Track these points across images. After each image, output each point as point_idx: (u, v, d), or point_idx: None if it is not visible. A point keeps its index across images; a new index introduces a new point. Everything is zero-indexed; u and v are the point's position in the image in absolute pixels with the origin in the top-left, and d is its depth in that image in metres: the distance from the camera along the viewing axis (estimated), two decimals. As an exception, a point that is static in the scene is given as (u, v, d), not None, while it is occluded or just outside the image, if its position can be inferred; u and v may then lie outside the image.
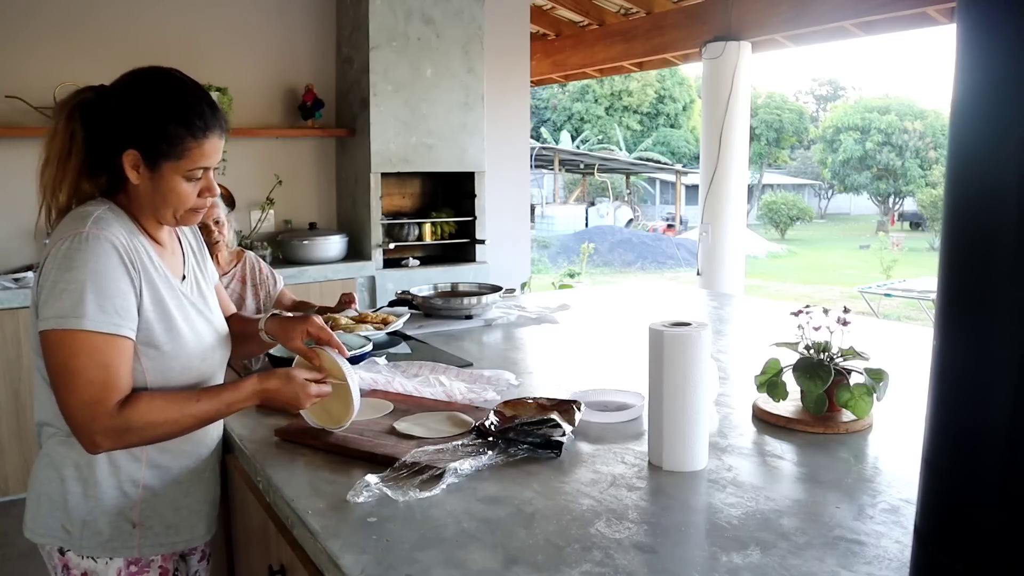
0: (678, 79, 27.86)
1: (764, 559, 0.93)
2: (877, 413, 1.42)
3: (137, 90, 1.24)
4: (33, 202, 1.28)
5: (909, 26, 5.25)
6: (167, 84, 1.25)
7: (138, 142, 1.20)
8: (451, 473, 1.15)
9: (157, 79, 1.25)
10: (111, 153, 1.22)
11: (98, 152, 1.23)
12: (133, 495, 1.26)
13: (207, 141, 1.23)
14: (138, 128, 1.20)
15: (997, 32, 0.62)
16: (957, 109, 0.67)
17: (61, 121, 1.23)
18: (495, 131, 4.56)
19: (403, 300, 2.57)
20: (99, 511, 1.24)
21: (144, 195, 1.24)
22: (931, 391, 0.71)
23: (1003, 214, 0.62)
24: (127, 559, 1.27)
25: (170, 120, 1.20)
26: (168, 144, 1.20)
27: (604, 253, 15.52)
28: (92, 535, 1.24)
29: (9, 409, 3.17)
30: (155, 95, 1.23)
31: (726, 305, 2.84)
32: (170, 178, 1.22)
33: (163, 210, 1.25)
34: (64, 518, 1.25)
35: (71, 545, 1.25)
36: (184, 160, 1.22)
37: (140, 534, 1.27)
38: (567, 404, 1.39)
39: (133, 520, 1.26)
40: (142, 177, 1.22)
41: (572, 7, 6.53)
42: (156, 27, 3.77)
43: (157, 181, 1.22)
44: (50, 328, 1.13)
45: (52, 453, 1.26)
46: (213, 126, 1.24)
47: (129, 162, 1.21)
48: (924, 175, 24.26)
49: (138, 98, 1.23)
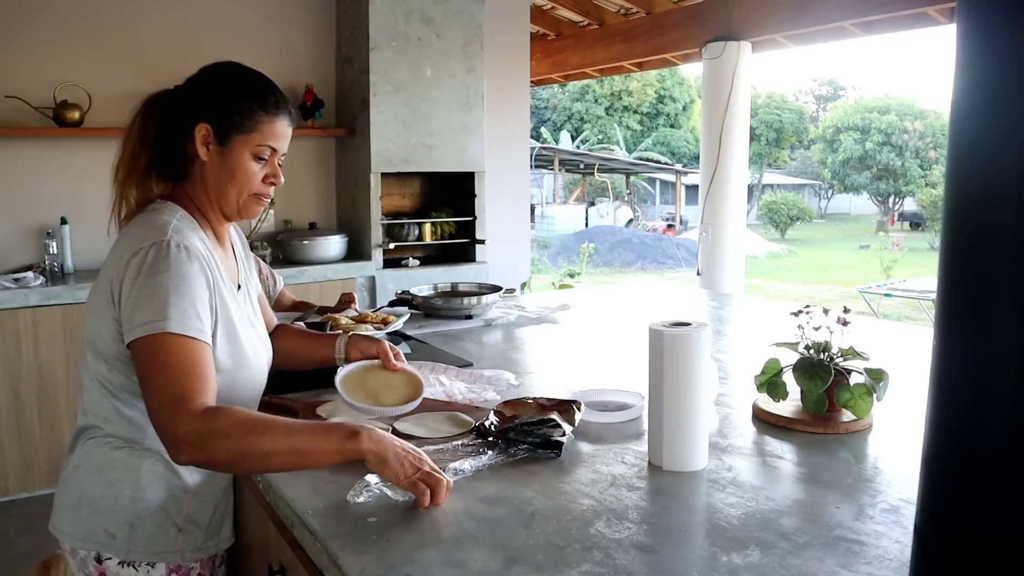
0: (678, 79, 27.87)
1: (764, 559, 0.93)
2: (877, 413, 1.42)
3: (209, 72, 1.28)
4: (33, 202, 1.29)
5: (909, 26, 5.26)
6: (240, 67, 1.29)
7: (209, 115, 1.22)
8: (451, 473, 1.15)
9: (230, 65, 1.30)
10: (180, 134, 1.24)
11: (168, 140, 1.25)
12: (181, 499, 1.25)
13: (278, 120, 1.26)
14: (210, 101, 1.23)
15: (997, 32, 0.62)
16: (957, 109, 0.67)
17: (136, 119, 1.25)
18: (495, 131, 4.57)
19: (403, 300, 2.57)
20: (147, 514, 1.22)
21: (210, 174, 1.25)
22: (931, 391, 0.71)
23: (1003, 214, 0.62)
24: (168, 567, 1.25)
25: (243, 93, 1.24)
26: (240, 115, 1.23)
27: (604, 253, 15.52)
28: (140, 539, 1.22)
29: (9, 409, 3.17)
30: (228, 73, 1.27)
31: (726, 305, 2.84)
32: (240, 153, 1.24)
33: (228, 191, 1.26)
34: (107, 522, 1.22)
35: (113, 551, 1.22)
36: (255, 134, 1.24)
37: (183, 539, 1.25)
38: (567, 404, 1.39)
39: (178, 524, 1.24)
40: (211, 153, 1.24)
41: (572, 7, 6.53)
42: (156, 27, 3.78)
43: (226, 156, 1.24)
44: (138, 337, 1.11)
45: (98, 456, 1.22)
46: (285, 109, 1.28)
47: (200, 137, 1.22)
48: (924, 175, 24.26)
49: (210, 77, 1.26)
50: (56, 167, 3.63)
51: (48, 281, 3.33)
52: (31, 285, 3.19)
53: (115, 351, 1.19)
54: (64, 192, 3.63)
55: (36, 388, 3.20)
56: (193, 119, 1.23)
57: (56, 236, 3.53)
